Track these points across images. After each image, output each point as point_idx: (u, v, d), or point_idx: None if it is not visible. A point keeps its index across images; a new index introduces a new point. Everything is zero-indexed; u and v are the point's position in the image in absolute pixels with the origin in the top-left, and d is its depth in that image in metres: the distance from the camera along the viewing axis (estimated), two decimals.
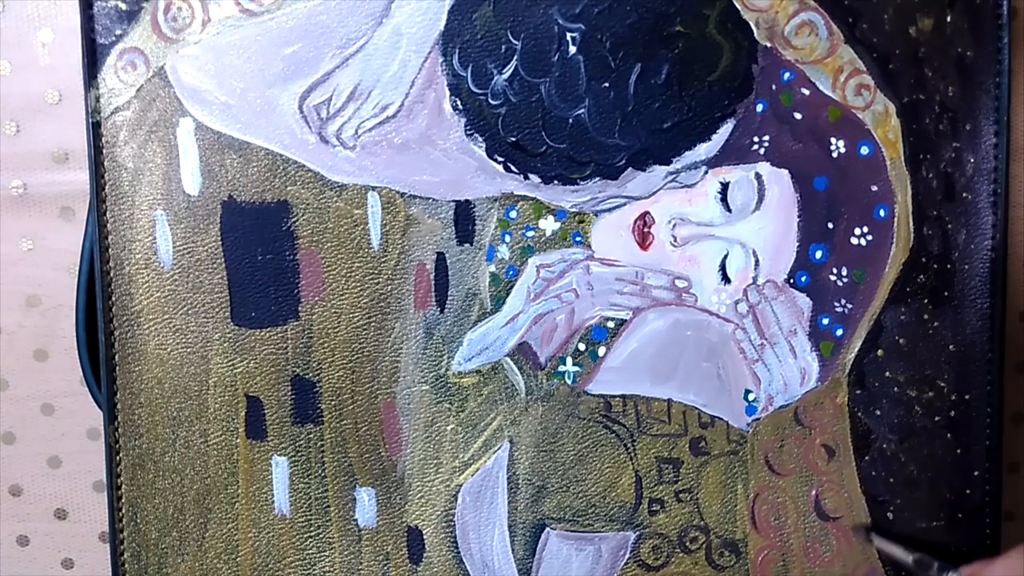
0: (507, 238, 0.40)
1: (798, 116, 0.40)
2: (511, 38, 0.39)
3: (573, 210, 0.40)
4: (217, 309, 0.40)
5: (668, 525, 0.42)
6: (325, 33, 0.39)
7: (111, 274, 0.39)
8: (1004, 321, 0.41)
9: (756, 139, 0.40)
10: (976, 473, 0.42)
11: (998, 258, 0.41)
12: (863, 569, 0.42)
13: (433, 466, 0.41)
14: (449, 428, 0.41)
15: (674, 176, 0.40)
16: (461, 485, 0.41)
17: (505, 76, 0.39)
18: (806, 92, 0.40)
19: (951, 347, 0.41)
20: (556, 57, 0.39)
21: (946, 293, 0.41)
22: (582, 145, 0.39)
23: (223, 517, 0.41)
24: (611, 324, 0.41)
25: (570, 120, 0.39)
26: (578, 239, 0.41)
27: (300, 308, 0.40)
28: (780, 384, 0.41)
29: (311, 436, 0.41)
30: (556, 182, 0.40)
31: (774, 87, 0.40)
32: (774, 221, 0.40)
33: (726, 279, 0.41)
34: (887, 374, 0.41)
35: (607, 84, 0.39)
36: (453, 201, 0.40)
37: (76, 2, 0.38)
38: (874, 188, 0.40)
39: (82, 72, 0.39)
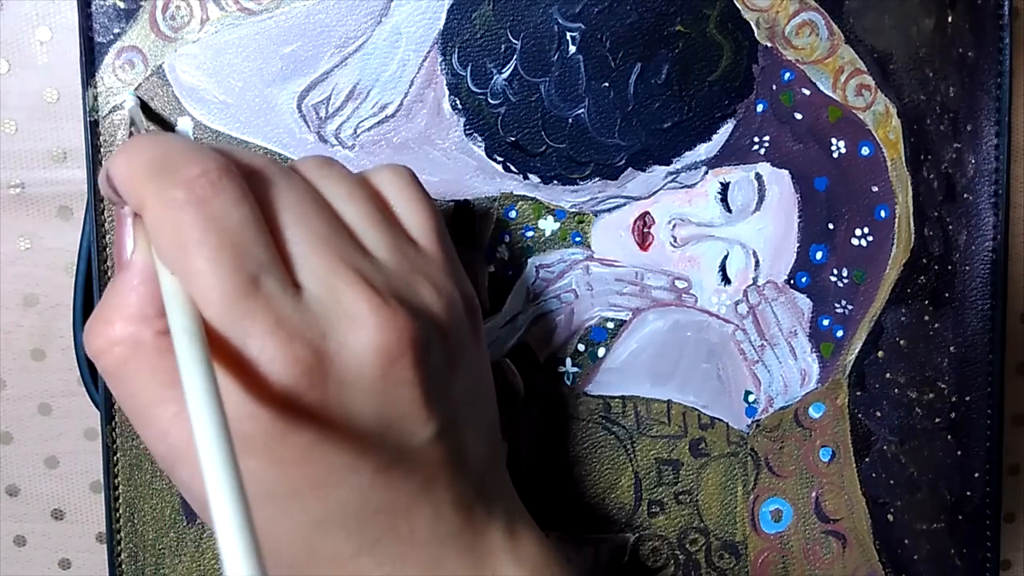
0: (506, 238, 0.40)
1: (799, 116, 0.40)
2: (511, 37, 0.38)
3: (573, 210, 0.40)
4: None
5: (667, 527, 0.42)
6: (324, 32, 0.39)
7: (109, 274, 0.39)
8: (1005, 322, 0.41)
9: (756, 139, 0.40)
10: (976, 475, 0.42)
11: (999, 259, 0.41)
12: (863, 571, 0.42)
13: None
14: None
15: (674, 176, 0.40)
16: None
17: (505, 75, 0.39)
18: (807, 92, 0.40)
19: (952, 348, 0.41)
20: (556, 56, 0.39)
21: (947, 294, 0.41)
22: (582, 145, 0.39)
23: None
24: (611, 325, 0.41)
25: (570, 120, 0.39)
26: (578, 239, 0.40)
27: None
28: (780, 385, 0.41)
29: None
30: (556, 182, 0.40)
31: (774, 87, 0.39)
32: (774, 222, 0.40)
33: (726, 280, 0.41)
34: (887, 376, 0.41)
35: (607, 84, 0.39)
36: (452, 201, 0.40)
37: (74, 1, 0.38)
38: (875, 189, 0.40)
39: (80, 71, 0.38)
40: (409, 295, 0.28)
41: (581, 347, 0.41)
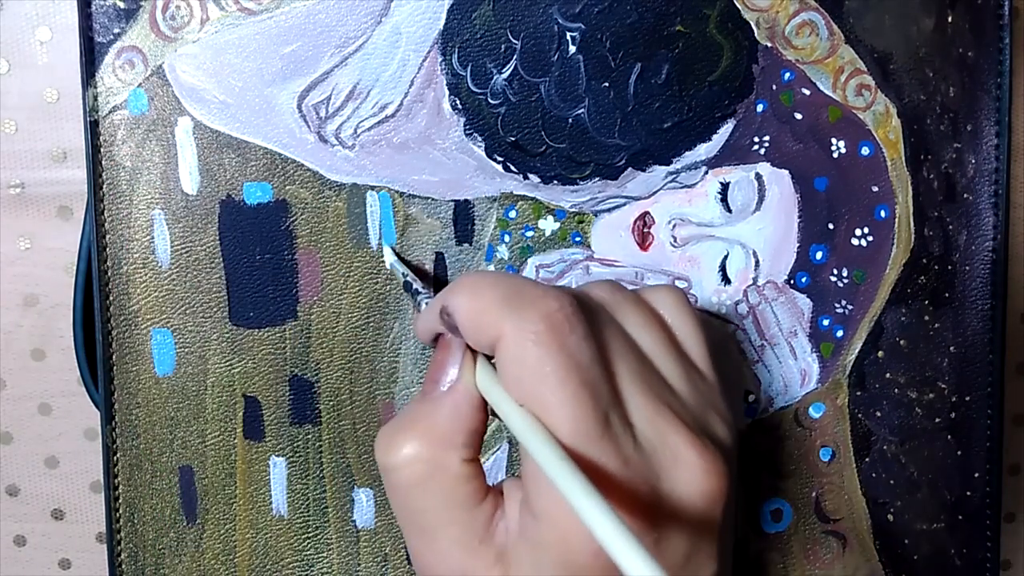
0: (506, 238, 0.40)
1: (799, 116, 0.40)
2: (511, 37, 0.38)
3: (573, 210, 0.40)
4: (215, 309, 0.40)
5: None
6: (324, 32, 0.39)
7: (109, 273, 0.39)
8: (1005, 322, 0.41)
9: (756, 139, 0.40)
10: (976, 475, 0.42)
11: (999, 259, 0.41)
12: (863, 571, 0.42)
13: None
14: None
15: (674, 176, 0.40)
16: None
17: (505, 75, 0.39)
18: (807, 92, 0.40)
19: (952, 348, 0.41)
20: (556, 57, 0.39)
21: (947, 294, 0.41)
22: (582, 145, 0.39)
23: (221, 518, 0.41)
24: None
25: (570, 120, 0.39)
26: (578, 239, 0.40)
27: (299, 308, 0.40)
28: (780, 385, 0.41)
29: (309, 437, 0.41)
30: (556, 182, 0.40)
31: (774, 87, 0.39)
32: (774, 222, 0.40)
33: (726, 280, 0.41)
34: (887, 376, 0.41)
35: (607, 84, 0.39)
36: (452, 201, 0.40)
37: (74, 1, 0.38)
38: (875, 189, 0.40)
39: (80, 71, 0.38)
40: (709, 430, 0.29)
41: None
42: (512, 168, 0.40)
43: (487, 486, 0.28)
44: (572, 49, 0.39)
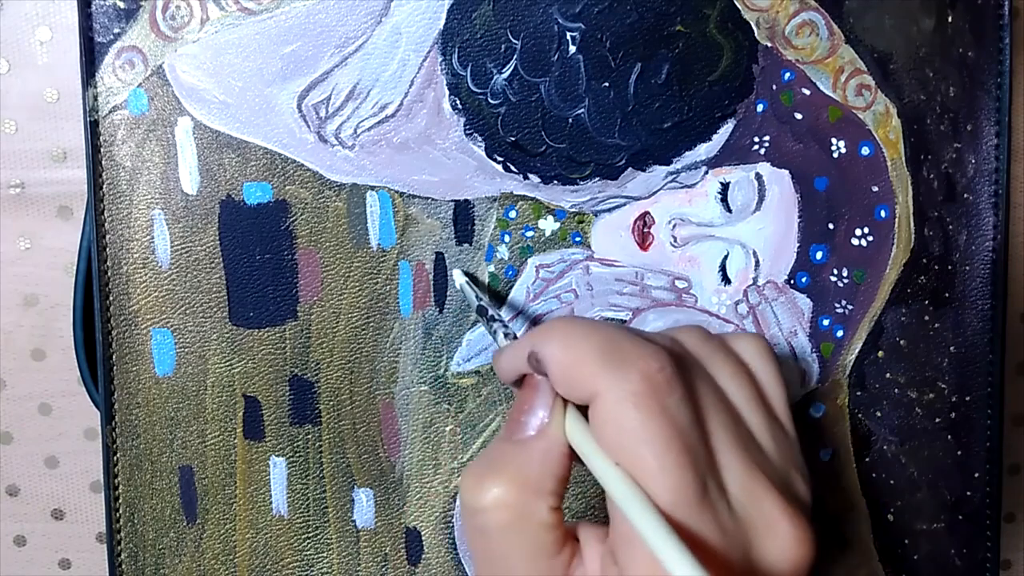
0: (506, 238, 0.40)
1: (799, 116, 0.40)
2: (511, 37, 0.38)
3: (573, 210, 0.40)
4: (215, 309, 0.40)
5: None
6: (324, 32, 0.39)
7: (108, 273, 0.39)
8: (1005, 322, 0.41)
9: (756, 139, 0.40)
10: (976, 475, 0.42)
11: (999, 259, 0.41)
12: (863, 571, 0.42)
13: (432, 467, 0.41)
14: (448, 429, 0.41)
15: (674, 176, 0.40)
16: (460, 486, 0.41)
17: (505, 75, 0.39)
18: (807, 92, 0.40)
19: (952, 348, 0.41)
20: (556, 56, 0.39)
21: (947, 294, 0.41)
22: (582, 145, 0.39)
23: (221, 518, 0.41)
24: None
25: (570, 120, 0.39)
26: (578, 239, 0.40)
27: (299, 308, 0.40)
28: None
29: (309, 437, 0.41)
30: (556, 182, 0.40)
31: (775, 87, 0.39)
32: (774, 222, 0.40)
33: (726, 280, 0.41)
34: (888, 376, 0.41)
35: (607, 84, 0.39)
36: (452, 201, 0.40)
37: (74, 1, 0.38)
38: (875, 189, 0.40)
39: (80, 71, 0.38)
40: (792, 489, 0.29)
41: None
42: (512, 168, 0.40)
43: (567, 533, 0.28)
44: (572, 49, 0.39)
